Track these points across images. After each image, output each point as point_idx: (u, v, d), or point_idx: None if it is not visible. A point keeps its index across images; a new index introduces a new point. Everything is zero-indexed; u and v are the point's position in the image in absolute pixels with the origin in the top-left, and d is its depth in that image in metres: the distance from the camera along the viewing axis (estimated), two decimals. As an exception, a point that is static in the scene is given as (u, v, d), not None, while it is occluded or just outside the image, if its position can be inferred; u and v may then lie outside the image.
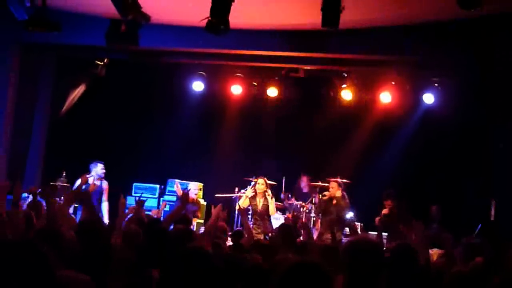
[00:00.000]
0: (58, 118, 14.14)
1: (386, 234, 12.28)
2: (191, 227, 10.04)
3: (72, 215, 10.10)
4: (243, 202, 12.38)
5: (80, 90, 14.35)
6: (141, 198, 10.30)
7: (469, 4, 8.75)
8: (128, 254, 5.79)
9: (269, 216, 12.26)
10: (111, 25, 11.79)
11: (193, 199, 13.40)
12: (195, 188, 13.93)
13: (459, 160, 13.93)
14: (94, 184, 12.03)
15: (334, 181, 12.70)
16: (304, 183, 14.37)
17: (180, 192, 12.99)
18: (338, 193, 12.54)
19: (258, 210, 12.19)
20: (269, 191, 12.39)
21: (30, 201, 9.36)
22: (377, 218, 12.26)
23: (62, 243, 5.13)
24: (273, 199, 12.42)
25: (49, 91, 13.95)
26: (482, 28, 10.96)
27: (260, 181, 12.37)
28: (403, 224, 11.32)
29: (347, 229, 12.26)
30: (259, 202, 12.27)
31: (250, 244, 7.43)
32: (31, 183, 13.22)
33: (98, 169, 12.59)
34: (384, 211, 12.35)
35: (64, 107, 14.16)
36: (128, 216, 8.25)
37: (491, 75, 12.28)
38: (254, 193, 12.30)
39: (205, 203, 14.26)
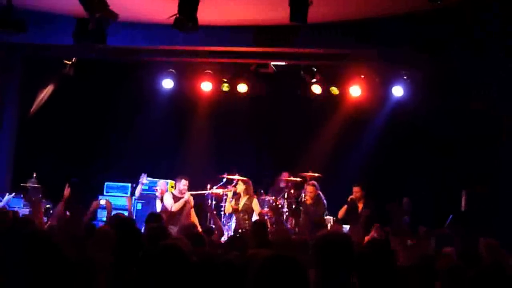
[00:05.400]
0: (27, 118, 13.97)
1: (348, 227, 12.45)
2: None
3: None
4: (227, 208, 12.60)
5: (48, 90, 14.19)
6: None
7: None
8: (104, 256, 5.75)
9: (251, 215, 12.26)
10: (78, 24, 11.65)
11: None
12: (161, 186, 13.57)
13: (429, 151, 14.02)
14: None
15: (311, 184, 12.75)
16: (283, 179, 14.35)
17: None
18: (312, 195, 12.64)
19: (240, 210, 12.21)
20: (250, 191, 12.46)
21: None
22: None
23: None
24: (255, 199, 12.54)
25: (16, 92, 13.77)
26: (450, 20, 11.03)
27: (239, 182, 12.46)
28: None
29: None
30: (241, 202, 12.29)
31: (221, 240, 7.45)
32: (1, 186, 13.10)
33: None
34: (350, 196, 12.57)
35: (33, 108, 14.01)
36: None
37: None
38: (236, 194, 12.39)
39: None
